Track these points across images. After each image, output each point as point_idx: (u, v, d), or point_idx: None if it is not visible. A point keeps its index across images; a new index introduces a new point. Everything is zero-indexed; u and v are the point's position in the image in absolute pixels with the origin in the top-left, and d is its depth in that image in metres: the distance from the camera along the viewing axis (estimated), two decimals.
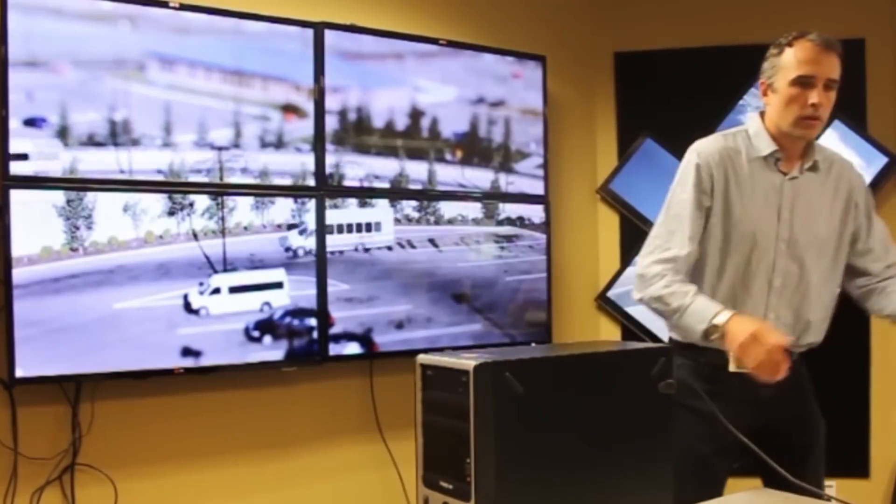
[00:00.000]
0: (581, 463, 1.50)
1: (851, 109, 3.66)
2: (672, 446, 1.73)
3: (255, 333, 2.89)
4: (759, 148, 2.16)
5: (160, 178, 2.75)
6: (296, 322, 2.97)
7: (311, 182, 3.04)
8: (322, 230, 3.04)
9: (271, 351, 2.93)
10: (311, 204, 3.02)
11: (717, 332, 1.97)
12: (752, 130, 2.19)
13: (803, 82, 2.06)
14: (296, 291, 2.97)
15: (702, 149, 2.17)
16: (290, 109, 3.00)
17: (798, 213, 2.15)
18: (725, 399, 2.02)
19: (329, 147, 3.07)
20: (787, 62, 2.09)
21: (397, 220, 3.23)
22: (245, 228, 2.88)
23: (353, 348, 3.11)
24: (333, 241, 3.06)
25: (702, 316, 2.01)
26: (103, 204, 2.63)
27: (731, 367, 1.95)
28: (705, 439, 2.09)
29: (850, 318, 3.63)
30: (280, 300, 2.94)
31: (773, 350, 1.88)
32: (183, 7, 2.79)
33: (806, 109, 2.06)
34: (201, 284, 2.78)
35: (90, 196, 2.61)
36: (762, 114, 2.21)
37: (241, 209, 2.88)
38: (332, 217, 3.07)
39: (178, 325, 2.74)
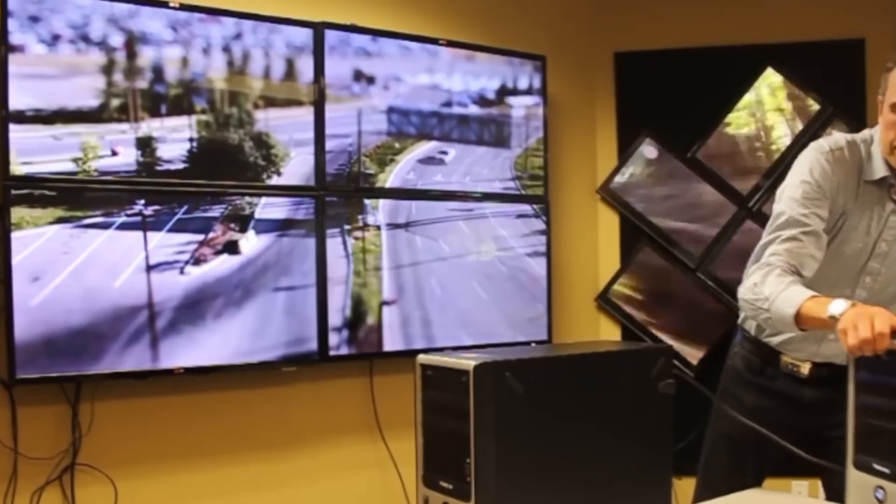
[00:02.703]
0: (581, 462, 1.50)
1: (851, 109, 3.66)
2: (707, 431, 1.72)
3: None
4: (872, 170, 1.93)
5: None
6: None
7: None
8: (322, 230, 3.04)
9: (271, 351, 2.93)
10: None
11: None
12: (873, 147, 1.95)
13: None
14: None
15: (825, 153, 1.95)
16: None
17: None
18: (771, 395, 2.01)
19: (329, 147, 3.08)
20: (889, 84, 1.87)
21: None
22: None
23: (352, 348, 3.12)
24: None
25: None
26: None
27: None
28: (745, 428, 2.03)
29: None
30: None
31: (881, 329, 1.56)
32: (183, 7, 2.79)
33: None
34: None
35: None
36: None
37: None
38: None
39: None
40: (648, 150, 3.84)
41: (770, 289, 1.79)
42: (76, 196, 2.61)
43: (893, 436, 1.41)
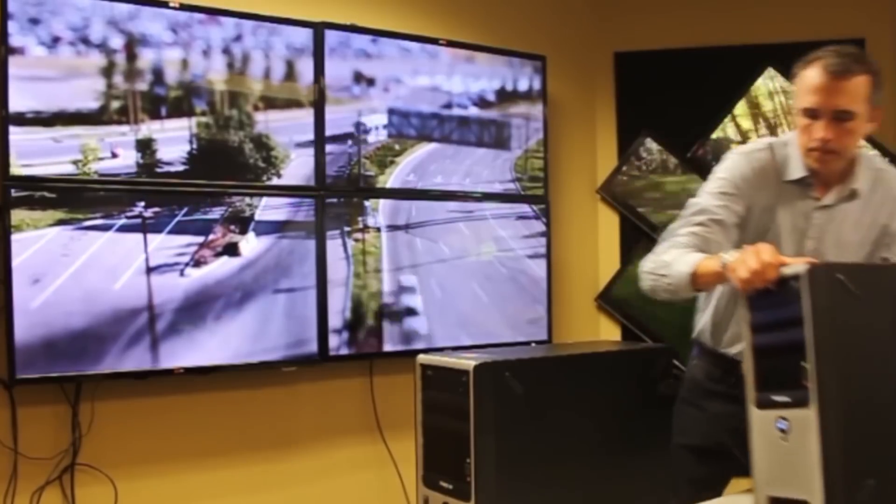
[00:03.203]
0: (581, 462, 1.50)
1: None
2: (672, 442, 1.72)
3: None
4: (791, 170, 1.97)
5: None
6: None
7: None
8: (322, 232, 3.04)
9: (271, 353, 2.93)
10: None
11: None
12: (791, 148, 1.99)
13: (808, 114, 1.89)
14: None
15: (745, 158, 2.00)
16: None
17: (826, 244, 1.98)
18: (732, 401, 2.01)
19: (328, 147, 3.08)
20: (799, 88, 1.92)
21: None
22: None
23: (352, 350, 3.12)
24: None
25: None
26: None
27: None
28: (707, 436, 2.07)
29: None
30: None
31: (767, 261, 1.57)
32: (183, 7, 2.79)
33: (813, 142, 1.89)
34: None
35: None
36: None
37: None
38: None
39: None
40: (648, 150, 3.84)
41: (671, 256, 1.85)
42: (76, 198, 2.61)
43: (789, 365, 1.42)
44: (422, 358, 1.51)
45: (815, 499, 1.36)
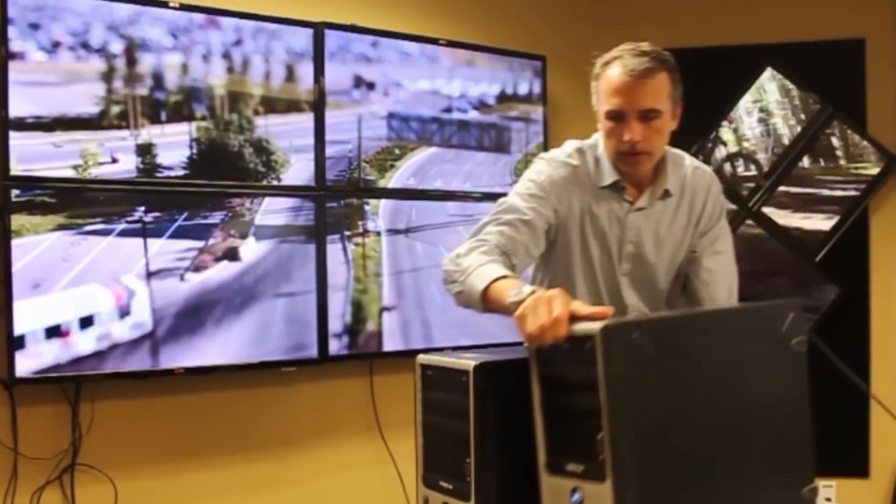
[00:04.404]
0: None
1: (851, 109, 3.66)
2: None
3: None
4: (603, 176, 1.92)
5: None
6: None
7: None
8: (322, 230, 3.04)
9: (271, 355, 2.93)
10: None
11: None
12: (599, 152, 1.95)
13: (613, 117, 1.83)
14: None
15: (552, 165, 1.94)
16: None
17: (644, 247, 1.94)
18: None
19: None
20: (600, 91, 1.86)
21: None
22: None
23: (353, 348, 3.12)
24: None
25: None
26: None
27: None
28: None
29: (850, 318, 3.67)
30: None
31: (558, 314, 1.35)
32: (183, 7, 2.79)
33: (623, 145, 1.83)
34: None
35: None
36: None
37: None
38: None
39: None
40: None
41: (470, 261, 1.72)
42: (76, 203, 2.60)
43: (583, 432, 1.25)
44: (422, 358, 1.51)
45: None
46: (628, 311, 1.94)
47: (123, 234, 2.68)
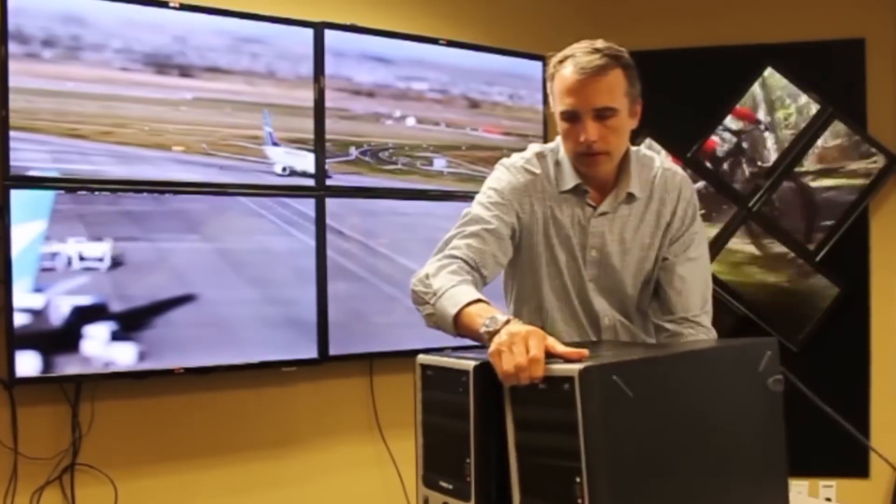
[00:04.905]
0: None
1: (851, 109, 3.66)
2: None
3: None
4: (564, 180, 1.86)
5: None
6: None
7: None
8: (322, 230, 3.04)
9: (271, 351, 2.93)
10: None
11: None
12: (560, 155, 1.88)
13: (568, 117, 1.78)
14: None
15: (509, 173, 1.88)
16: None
17: (609, 252, 1.88)
18: None
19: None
20: (554, 92, 1.80)
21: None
22: None
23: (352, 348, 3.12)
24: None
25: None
26: None
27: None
28: None
29: (850, 318, 3.67)
30: None
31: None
32: (183, 7, 2.79)
33: (579, 146, 1.77)
34: None
35: None
36: None
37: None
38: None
39: None
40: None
41: (440, 282, 1.67)
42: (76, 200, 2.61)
43: (560, 476, 1.22)
44: (421, 358, 1.51)
45: None
46: (599, 317, 1.90)
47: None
